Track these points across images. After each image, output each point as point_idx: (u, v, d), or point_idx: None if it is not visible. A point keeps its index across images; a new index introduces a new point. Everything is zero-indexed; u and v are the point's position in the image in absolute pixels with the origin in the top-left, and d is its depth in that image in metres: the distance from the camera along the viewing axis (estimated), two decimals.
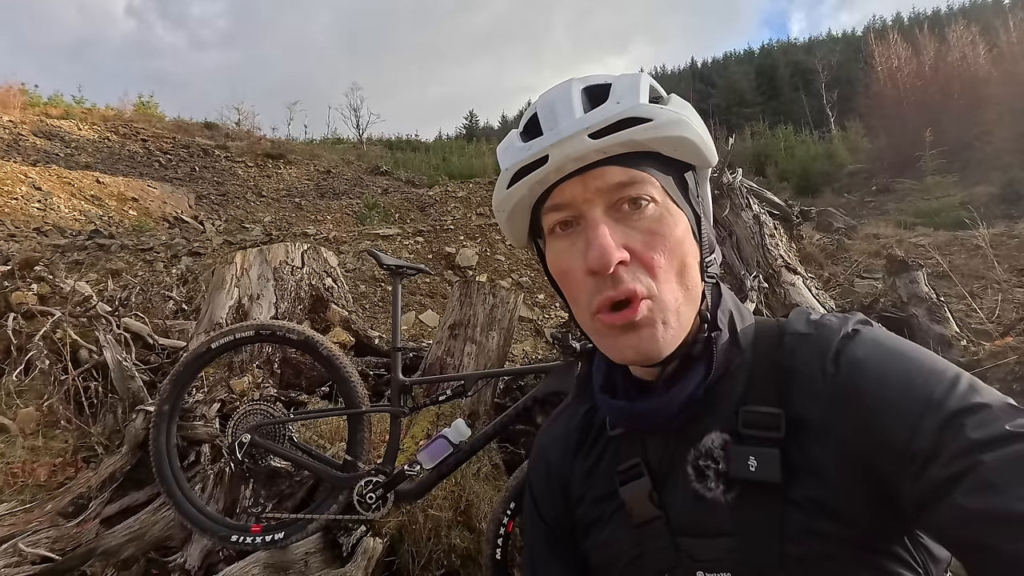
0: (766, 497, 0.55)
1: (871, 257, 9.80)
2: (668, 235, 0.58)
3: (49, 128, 17.56)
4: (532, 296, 8.26)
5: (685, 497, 0.61)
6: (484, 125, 55.22)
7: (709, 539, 0.59)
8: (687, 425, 0.62)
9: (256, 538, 1.89)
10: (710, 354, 0.60)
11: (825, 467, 0.54)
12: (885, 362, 0.54)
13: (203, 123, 23.43)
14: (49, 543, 2.17)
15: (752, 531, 0.56)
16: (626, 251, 0.56)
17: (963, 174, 14.64)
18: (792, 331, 0.60)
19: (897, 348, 0.56)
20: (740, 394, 0.60)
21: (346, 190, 19.29)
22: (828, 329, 0.59)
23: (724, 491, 0.58)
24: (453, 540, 2.03)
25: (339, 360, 1.96)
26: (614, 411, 0.67)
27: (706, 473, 0.59)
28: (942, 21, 31.03)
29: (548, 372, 1.96)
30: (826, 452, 0.54)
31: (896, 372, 0.53)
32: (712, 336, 0.60)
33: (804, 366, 0.57)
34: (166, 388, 2.03)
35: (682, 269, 0.59)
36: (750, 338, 0.63)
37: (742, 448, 0.57)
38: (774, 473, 0.55)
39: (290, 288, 3.34)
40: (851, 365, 0.55)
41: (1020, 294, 6.82)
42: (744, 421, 0.58)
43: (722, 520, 0.58)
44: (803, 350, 0.58)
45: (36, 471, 2.54)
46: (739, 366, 0.61)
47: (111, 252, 8.38)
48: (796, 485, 0.55)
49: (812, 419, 0.56)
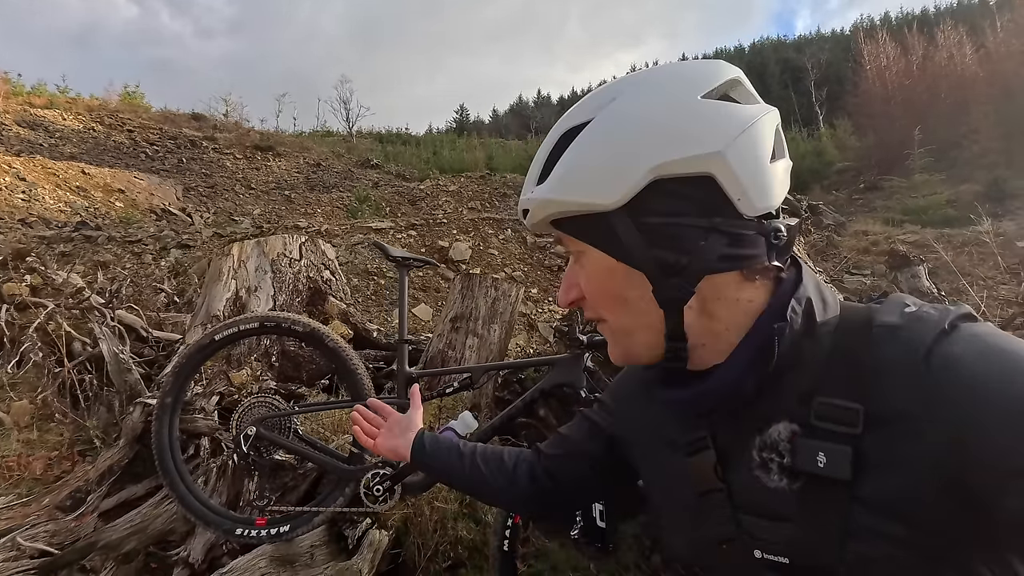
0: (832, 492, 0.54)
1: (860, 254, 9.92)
2: (593, 276, 0.65)
3: (33, 118, 17.23)
4: (526, 290, 8.26)
5: (749, 479, 0.60)
6: (475, 119, 54.98)
7: (770, 521, 0.58)
8: (753, 410, 0.61)
9: (261, 531, 1.88)
10: (769, 344, 0.58)
11: (902, 469, 0.51)
12: (986, 362, 0.50)
13: (190, 114, 23.08)
14: (47, 537, 2.15)
15: (815, 522, 0.55)
16: (579, 290, 0.67)
17: (950, 172, 14.83)
18: (882, 322, 0.57)
19: (1001, 347, 0.51)
20: (814, 385, 0.58)
21: (336, 183, 19.13)
22: (924, 322, 0.55)
23: (789, 482, 0.57)
24: (459, 532, 2.04)
25: (346, 352, 1.95)
26: (665, 399, 0.68)
27: (769, 466, 0.59)
28: (930, 21, 31.37)
29: (554, 365, 1.96)
30: (906, 453, 0.52)
31: (998, 375, 0.49)
32: (777, 326, 0.59)
33: (892, 362, 0.54)
34: (168, 380, 2.01)
35: (617, 300, 0.64)
36: (831, 327, 0.60)
37: (812, 442, 0.55)
38: (844, 470, 0.53)
39: (288, 280, 3.31)
40: (945, 363, 0.51)
41: (1006, 290, 6.95)
42: (818, 413, 0.56)
43: (785, 506, 0.57)
44: (892, 344, 0.55)
45: (32, 465, 2.50)
46: (814, 356, 0.59)
47: (98, 244, 8.25)
48: (867, 484, 0.53)
49: (894, 419, 0.52)
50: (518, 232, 9.87)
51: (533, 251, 9.43)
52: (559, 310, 7.36)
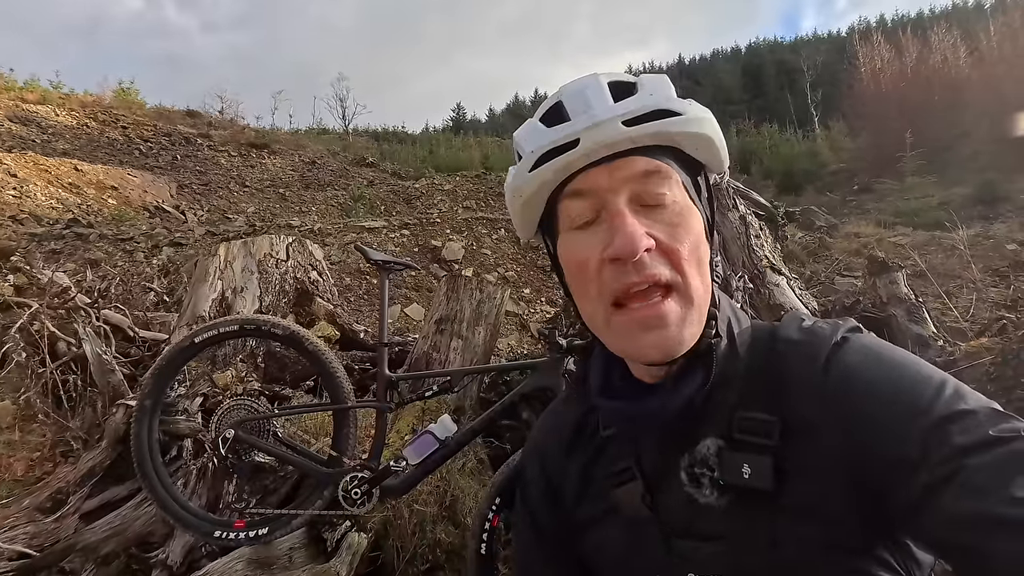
0: (758, 504, 0.56)
1: (852, 255, 9.96)
2: (690, 229, 0.59)
3: (25, 113, 17.10)
4: (518, 291, 8.27)
5: (679, 500, 0.61)
6: (471, 118, 54.94)
7: (701, 541, 0.60)
8: (683, 429, 0.62)
9: (240, 534, 1.88)
10: (710, 359, 0.61)
11: (815, 474, 0.55)
12: (874, 370, 0.55)
13: (185, 111, 22.97)
14: (27, 539, 2.14)
15: (743, 536, 0.57)
16: (652, 239, 0.57)
17: (942, 175, 14.90)
18: (785, 337, 0.61)
19: (886, 355, 0.57)
20: (735, 400, 0.60)
21: (331, 181, 19.07)
22: (819, 337, 0.59)
23: (717, 497, 0.59)
24: (438, 535, 2.04)
25: (325, 355, 1.95)
26: (612, 412, 0.67)
27: (700, 480, 0.60)
28: (924, 24, 31.49)
29: (534, 368, 1.97)
30: (816, 459, 0.55)
31: (884, 380, 0.54)
32: (713, 342, 0.61)
33: (796, 373, 0.58)
34: (148, 382, 2.00)
35: (701, 264, 0.59)
36: (746, 344, 0.63)
37: (736, 455, 0.58)
38: (766, 480, 0.56)
39: (275, 281, 3.30)
40: (841, 373, 0.56)
41: (994, 294, 6.99)
42: (739, 427, 0.59)
43: (715, 524, 0.59)
44: (795, 357, 0.59)
45: (13, 466, 2.49)
46: (735, 372, 0.62)
47: (90, 242, 8.21)
48: (787, 492, 0.55)
49: (803, 426, 0.56)
50: (511, 232, 9.87)
51: (526, 251, 9.44)
52: (550, 310, 7.37)
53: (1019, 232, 9.97)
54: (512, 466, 1.86)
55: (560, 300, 7.19)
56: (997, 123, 15.36)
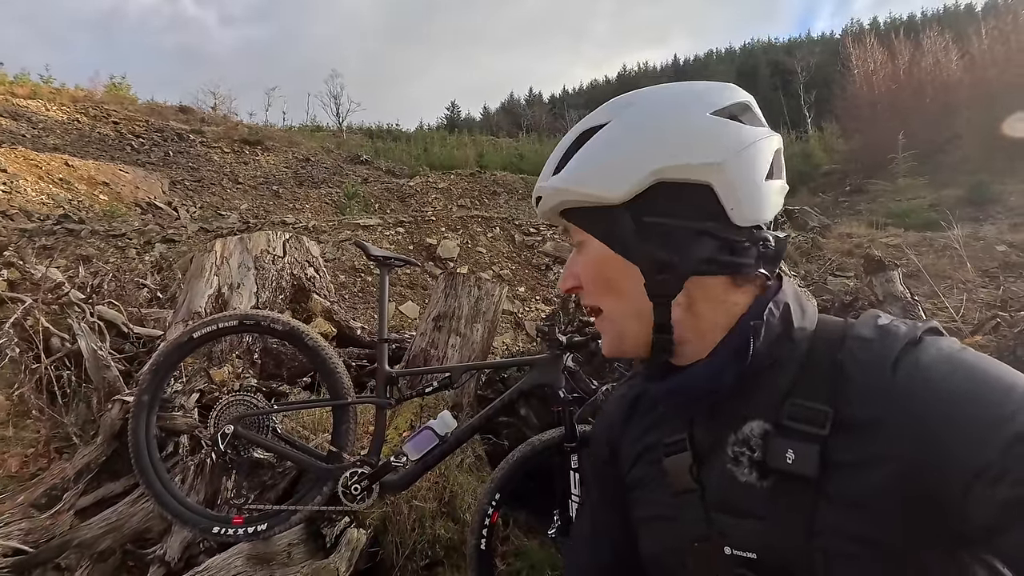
0: (799, 489, 0.57)
1: (844, 256, 10.05)
2: (592, 262, 0.69)
3: (15, 108, 16.93)
4: (513, 289, 8.28)
5: (722, 476, 0.63)
6: (466, 116, 54.86)
7: (740, 518, 0.61)
8: (732, 408, 0.64)
9: (238, 529, 1.88)
10: (745, 343, 0.62)
11: (868, 472, 0.54)
12: (948, 372, 0.53)
13: (178, 107, 22.82)
14: (22, 535, 2.12)
15: (782, 519, 0.57)
16: (577, 279, 0.71)
17: (933, 177, 15.05)
18: (856, 334, 0.60)
19: (963, 358, 0.55)
20: (788, 387, 0.61)
21: (325, 179, 19.01)
22: (892, 335, 0.58)
23: (758, 477, 0.60)
24: (437, 531, 2.05)
25: (325, 351, 1.95)
26: (654, 392, 0.74)
27: (740, 460, 0.62)
28: (917, 27, 31.73)
29: (534, 365, 1.97)
30: (871, 457, 0.54)
31: (960, 384, 0.52)
32: (752, 324, 0.62)
33: (862, 370, 0.57)
34: (146, 378, 1.99)
35: (609, 287, 0.68)
36: (807, 334, 0.64)
37: (783, 440, 0.58)
38: (810, 468, 0.56)
39: (271, 277, 3.29)
40: (911, 374, 0.54)
41: (984, 294, 7.07)
42: (790, 414, 0.59)
43: (755, 503, 0.60)
44: (864, 354, 0.58)
45: (7, 462, 2.47)
46: (790, 359, 0.62)
47: (81, 238, 8.15)
48: (832, 483, 0.55)
49: (861, 423, 0.55)
50: (506, 230, 9.88)
51: (521, 250, 9.45)
52: (545, 308, 7.38)
53: (1009, 233, 10.11)
54: (511, 462, 1.87)
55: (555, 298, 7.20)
56: (988, 126, 15.52)
